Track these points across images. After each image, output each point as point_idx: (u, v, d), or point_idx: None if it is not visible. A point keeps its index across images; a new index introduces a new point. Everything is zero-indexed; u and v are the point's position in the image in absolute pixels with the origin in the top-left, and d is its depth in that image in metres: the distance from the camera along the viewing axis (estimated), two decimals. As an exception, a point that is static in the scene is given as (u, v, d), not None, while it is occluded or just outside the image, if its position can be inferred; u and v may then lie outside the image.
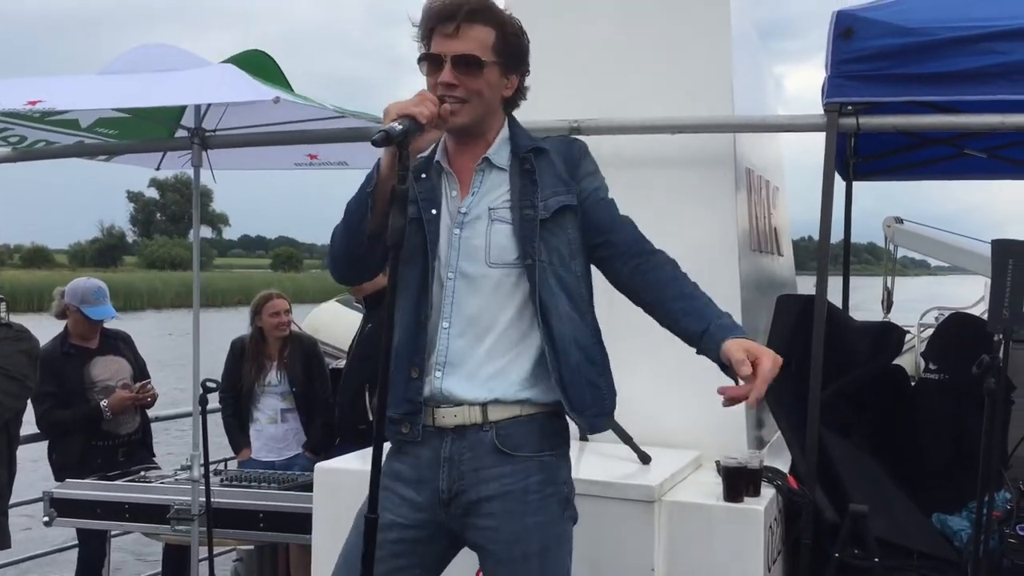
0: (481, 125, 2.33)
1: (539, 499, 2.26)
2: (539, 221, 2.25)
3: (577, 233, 2.33)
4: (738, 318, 3.59)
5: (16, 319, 3.99)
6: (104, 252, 77.66)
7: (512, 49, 2.32)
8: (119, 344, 5.19)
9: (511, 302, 2.27)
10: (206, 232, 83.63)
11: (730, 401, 2.06)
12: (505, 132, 2.37)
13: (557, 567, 2.29)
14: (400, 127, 2.04)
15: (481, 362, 2.27)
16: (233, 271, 65.88)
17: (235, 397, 5.28)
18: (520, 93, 2.40)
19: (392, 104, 2.11)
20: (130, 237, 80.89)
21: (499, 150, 2.35)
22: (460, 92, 2.25)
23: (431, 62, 2.27)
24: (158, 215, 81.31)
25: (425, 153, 2.34)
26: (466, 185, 2.34)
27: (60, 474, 4.80)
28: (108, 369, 5.04)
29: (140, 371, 5.21)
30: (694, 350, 2.22)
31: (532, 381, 2.29)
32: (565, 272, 2.29)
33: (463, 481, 2.27)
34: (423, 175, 2.35)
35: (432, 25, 2.26)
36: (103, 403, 4.87)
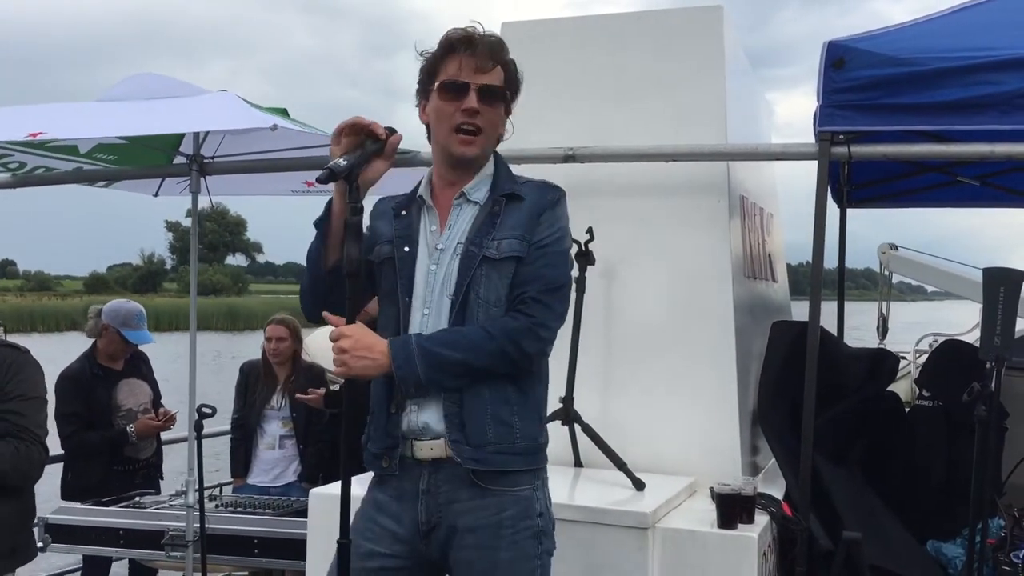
0: (483, 159, 2.36)
1: (512, 534, 2.26)
2: (482, 258, 2.25)
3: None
4: (732, 344, 3.66)
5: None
6: (145, 278, 79.91)
7: (515, 90, 2.37)
8: (141, 366, 5.19)
9: None
10: (240, 260, 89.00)
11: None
12: (488, 169, 2.38)
13: None
14: (344, 163, 2.11)
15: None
16: (265, 296, 67.70)
17: (243, 421, 5.28)
18: (504, 133, 2.43)
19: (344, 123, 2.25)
20: (168, 264, 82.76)
21: (478, 185, 2.36)
22: (480, 121, 2.27)
23: (456, 90, 2.27)
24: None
25: (405, 191, 2.38)
26: (445, 220, 2.35)
27: (74, 496, 4.75)
28: (132, 392, 5.02)
29: (155, 393, 5.21)
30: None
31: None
32: (498, 311, 2.26)
33: (440, 513, 2.28)
34: (403, 212, 2.38)
35: (456, 53, 2.27)
36: (129, 428, 4.85)
